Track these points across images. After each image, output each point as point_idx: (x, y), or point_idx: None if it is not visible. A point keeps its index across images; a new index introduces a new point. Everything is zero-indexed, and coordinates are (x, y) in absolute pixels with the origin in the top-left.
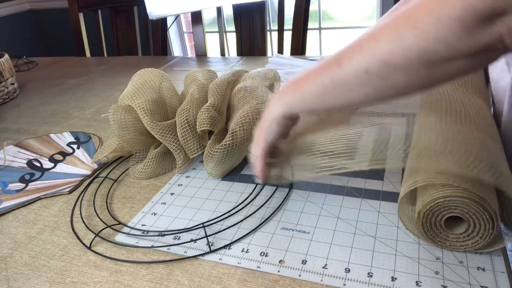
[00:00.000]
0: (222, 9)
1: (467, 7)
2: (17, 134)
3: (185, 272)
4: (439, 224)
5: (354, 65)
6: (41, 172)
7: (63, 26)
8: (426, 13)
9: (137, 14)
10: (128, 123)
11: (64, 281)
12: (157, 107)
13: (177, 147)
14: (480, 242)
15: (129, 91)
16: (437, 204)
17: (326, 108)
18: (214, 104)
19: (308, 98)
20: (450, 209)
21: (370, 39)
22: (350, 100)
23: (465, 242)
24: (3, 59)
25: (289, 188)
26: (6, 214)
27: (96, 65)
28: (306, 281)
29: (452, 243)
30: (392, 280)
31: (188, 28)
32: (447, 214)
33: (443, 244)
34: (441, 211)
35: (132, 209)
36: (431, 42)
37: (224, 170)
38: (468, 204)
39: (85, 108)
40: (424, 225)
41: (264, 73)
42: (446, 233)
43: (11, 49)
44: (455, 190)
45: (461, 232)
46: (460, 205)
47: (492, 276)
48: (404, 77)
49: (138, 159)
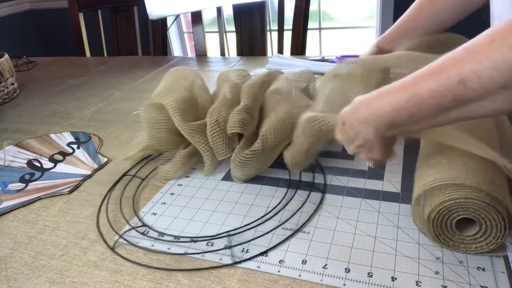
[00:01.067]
0: (222, 9)
1: None
2: (17, 134)
3: (185, 272)
4: (450, 226)
5: (486, 82)
6: (41, 172)
7: (63, 26)
8: None
9: (137, 14)
10: (159, 121)
11: (64, 281)
12: (188, 106)
13: (206, 148)
14: (493, 242)
15: (161, 89)
16: (447, 206)
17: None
18: (246, 107)
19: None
20: (460, 211)
21: (503, 47)
22: (474, 116)
23: (479, 244)
24: (3, 59)
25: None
26: (6, 214)
27: (96, 65)
28: (306, 281)
29: (465, 244)
30: (392, 280)
31: (188, 28)
32: (457, 217)
33: (456, 246)
34: (452, 213)
35: (133, 209)
36: None
37: (250, 174)
38: (480, 206)
39: (85, 108)
40: (434, 226)
41: (299, 74)
42: (455, 234)
43: (11, 49)
44: (467, 191)
45: (473, 234)
46: (472, 207)
47: (492, 276)
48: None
49: (167, 158)
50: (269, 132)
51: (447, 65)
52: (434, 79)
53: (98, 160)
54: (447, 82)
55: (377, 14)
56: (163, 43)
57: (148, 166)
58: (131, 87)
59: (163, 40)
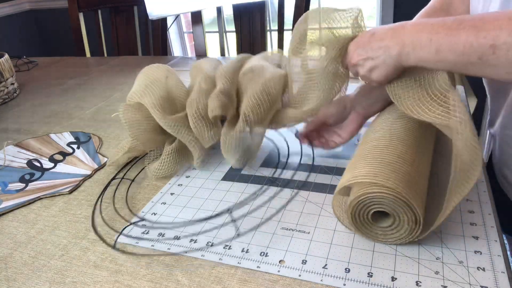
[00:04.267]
0: (222, 9)
1: None
2: (17, 134)
3: (185, 272)
4: (366, 217)
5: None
6: (41, 172)
7: (63, 26)
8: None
9: (137, 14)
10: (140, 121)
11: (64, 281)
12: (166, 104)
13: (192, 139)
14: (404, 236)
15: (137, 89)
16: (364, 198)
17: (439, 65)
18: (222, 90)
19: (444, 63)
20: (375, 204)
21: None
22: (484, 76)
23: (392, 236)
24: (3, 59)
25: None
26: (6, 214)
27: (96, 65)
28: (306, 281)
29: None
30: (392, 280)
31: (188, 28)
32: (373, 209)
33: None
34: (370, 205)
35: (133, 208)
36: None
37: (246, 157)
38: (392, 201)
39: (85, 108)
40: (353, 216)
41: (270, 54)
42: (371, 225)
43: (11, 49)
44: (381, 188)
45: (387, 226)
46: (385, 201)
47: (492, 276)
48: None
49: (153, 157)
50: (248, 110)
51: (488, 26)
52: (473, 34)
53: (98, 160)
54: (482, 42)
55: (377, 14)
56: (163, 43)
57: (136, 167)
58: (131, 87)
59: (163, 40)
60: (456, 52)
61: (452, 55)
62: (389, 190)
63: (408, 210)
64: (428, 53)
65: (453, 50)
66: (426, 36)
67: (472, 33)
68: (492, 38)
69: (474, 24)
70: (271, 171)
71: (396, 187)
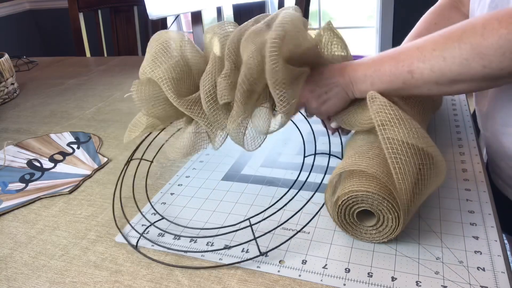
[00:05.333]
0: (222, 9)
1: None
2: (17, 134)
3: (185, 272)
4: (352, 215)
5: (426, 78)
6: (41, 172)
7: (63, 26)
8: (490, 47)
9: (137, 14)
10: (154, 96)
11: (64, 281)
12: (182, 73)
13: (208, 121)
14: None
15: (148, 61)
16: (350, 197)
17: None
18: (227, 75)
19: (379, 92)
20: (360, 203)
21: (437, 57)
22: (416, 94)
23: (375, 234)
24: (3, 59)
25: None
26: (6, 214)
27: (96, 65)
28: (306, 281)
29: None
30: (392, 280)
31: (188, 28)
32: (359, 208)
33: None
34: (355, 203)
35: (133, 208)
36: (494, 70)
37: (259, 136)
38: (377, 200)
39: (85, 108)
40: (339, 214)
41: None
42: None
43: (11, 49)
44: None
45: (371, 225)
46: (369, 200)
47: (492, 276)
48: (466, 86)
49: (172, 133)
50: (244, 79)
51: (402, 57)
52: (393, 64)
53: (98, 160)
54: (401, 70)
55: (377, 14)
56: None
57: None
58: (131, 87)
59: None
60: (385, 81)
61: (383, 84)
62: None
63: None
64: (366, 86)
65: (383, 81)
66: (361, 72)
67: (393, 64)
68: (407, 65)
69: (392, 56)
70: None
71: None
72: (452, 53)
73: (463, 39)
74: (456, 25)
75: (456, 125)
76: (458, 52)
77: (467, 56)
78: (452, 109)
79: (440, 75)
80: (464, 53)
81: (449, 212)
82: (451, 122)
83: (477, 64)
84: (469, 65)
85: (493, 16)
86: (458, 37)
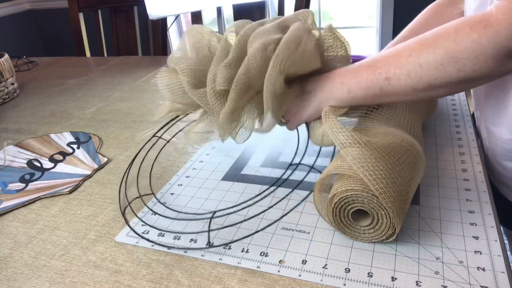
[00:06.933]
0: (222, 9)
1: (500, 48)
2: (17, 134)
3: (185, 272)
4: (347, 215)
5: (403, 84)
6: (41, 172)
7: (63, 26)
8: (464, 51)
9: (137, 14)
10: (178, 85)
11: (64, 281)
12: (207, 67)
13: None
14: (383, 234)
15: (176, 53)
16: (345, 196)
17: (354, 102)
18: (229, 63)
19: (357, 99)
20: (352, 203)
21: (413, 63)
22: (394, 101)
23: (370, 234)
24: (3, 59)
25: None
26: (6, 214)
27: (96, 65)
28: (306, 281)
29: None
30: (392, 280)
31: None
32: (354, 208)
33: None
34: (347, 204)
35: (133, 208)
36: (468, 73)
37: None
38: (370, 199)
39: (85, 108)
40: (334, 217)
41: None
42: (352, 223)
43: (11, 49)
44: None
45: (366, 225)
46: (360, 199)
47: (492, 276)
48: (444, 90)
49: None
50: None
51: (379, 64)
52: (371, 72)
53: (98, 160)
54: (378, 77)
55: (377, 14)
56: (163, 43)
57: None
58: (131, 87)
59: (163, 40)
60: (363, 88)
61: (360, 91)
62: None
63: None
64: (342, 93)
65: (360, 87)
66: (338, 80)
67: (370, 71)
68: (385, 72)
69: (369, 64)
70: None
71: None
72: (428, 59)
73: (437, 44)
74: (430, 32)
75: (456, 125)
76: (433, 57)
77: (442, 61)
78: (452, 109)
79: (416, 80)
80: (439, 58)
81: (449, 212)
82: (451, 122)
83: (452, 68)
84: (445, 69)
85: (464, 22)
86: (433, 43)
